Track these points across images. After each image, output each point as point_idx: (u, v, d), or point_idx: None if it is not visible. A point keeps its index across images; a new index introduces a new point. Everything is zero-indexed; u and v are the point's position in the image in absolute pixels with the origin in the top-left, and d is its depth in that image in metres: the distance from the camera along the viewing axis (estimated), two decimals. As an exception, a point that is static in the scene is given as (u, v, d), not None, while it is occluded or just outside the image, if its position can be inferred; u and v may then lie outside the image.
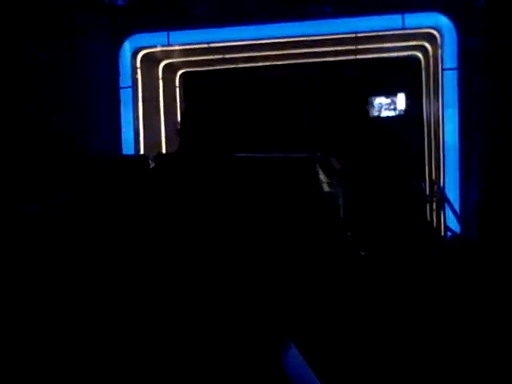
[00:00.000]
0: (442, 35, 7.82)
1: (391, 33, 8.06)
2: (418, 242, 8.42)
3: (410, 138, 11.36)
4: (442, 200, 7.85)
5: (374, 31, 8.04)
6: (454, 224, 7.73)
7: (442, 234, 8.08)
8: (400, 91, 12.83)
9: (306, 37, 8.23)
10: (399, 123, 12.69)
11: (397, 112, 13.13)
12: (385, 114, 13.14)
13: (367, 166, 11.08)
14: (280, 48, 9.08)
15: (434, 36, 8.10)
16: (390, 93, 12.98)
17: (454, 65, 7.71)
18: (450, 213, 7.80)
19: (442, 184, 8.02)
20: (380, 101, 13.27)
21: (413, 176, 10.67)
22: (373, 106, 13.36)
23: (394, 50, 9.72)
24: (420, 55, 9.80)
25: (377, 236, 8.66)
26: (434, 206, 8.91)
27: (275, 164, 6.67)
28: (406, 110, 12.76)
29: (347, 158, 10.13)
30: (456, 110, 7.71)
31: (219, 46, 8.62)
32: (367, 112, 13.09)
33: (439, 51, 7.96)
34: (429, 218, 9.61)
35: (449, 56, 7.76)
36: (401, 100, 13.07)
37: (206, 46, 8.48)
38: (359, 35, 8.08)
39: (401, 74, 11.65)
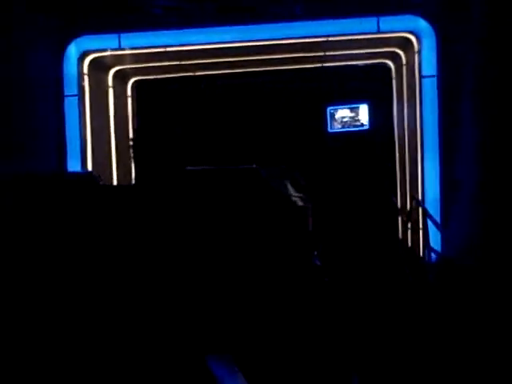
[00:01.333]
0: (419, 40, 7.23)
1: (365, 37, 7.43)
2: (390, 264, 7.80)
3: (377, 152, 10.76)
4: (423, 216, 7.21)
5: (346, 35, 7.38)
6: (435, 244, 7.09)
7: (421, 254, 7.44)
8: (363, 102, 12.23)
9: (271, 41, 7.52)
10: (363, 137, 12.07)
11: (360, 124, 12.56)
12: (347, 126, 12.55)
13: (331, 184, 10.42)
14: (243, 54, 8.35)
15: (409, 41, 7.51)
16: (353, 104, 12.40)
17: (434, 72, 7.13)
18: (431, 231, 7.16)
19: (420, 199, 7.41)
20: (342, 113, 12.68)
21: (381, 192, 10.09)
22: (334, 118, 12.75)
23: (364, 58, 9.12)
24: (391, 63, 9.25)
25: (346, 256, 8.01)
26: (409, 225, 8.31)
27: (223, 176, 6.34)
28: (370, 122, 12.18)
29: (310, 174, 9.50)
30: (435, 120, 7.12)
31: (176, 51, 7.80)
32: (327, 126, 12.46)
33: (416, 57, 7.38)
34: (403, 237, 9.01)
35: (427, 62, 7.17)
36: (363, 112, 12.50)
37: (161, 50, 7.66)
38: (331, 39, 7.42)
39: (365, 84, 11.03)
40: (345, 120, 12.47)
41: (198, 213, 2.98)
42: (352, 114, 12.57)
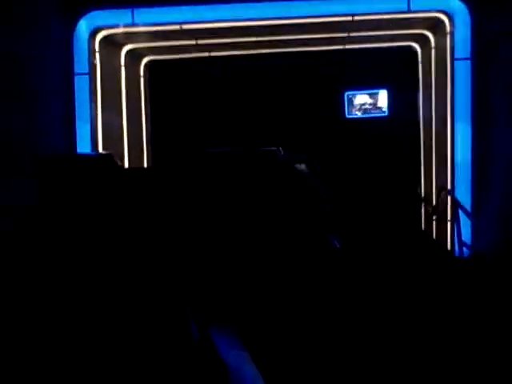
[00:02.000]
0: (452, 21, 6.77)
1: (393, 17, 6.97)
2: (412, 256, 7.38)
3: (398, 139, 10.28)
4: (453, 208, 6.79)
5: (374, 14, 6.93)
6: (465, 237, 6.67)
7: (449, 248, 7.03)
8: (383, 88, 11.74)
9: (293, 19, 7.08)
10: (383, 123, 11.59)
11: (379, 111, 12.07)
12: (365, 113, 12.07)
13: (349, 172, 9.97)
14: (262, 33, 7.91)
15: (440, 22, 7.04)
16: (372, 90, 11.92)
17: (467, 54, 6.67)
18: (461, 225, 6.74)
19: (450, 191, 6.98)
20: (361, 99, 12.20)
21: (403, 181, 9.66)
22: (353, 104, 12.28)
23: (388, 40, 8.65)
24: (417, 46, 8.78)
25: (365, 243, 7.61)
26: (434, 217, 7.89)
27: (243, 157, 6.31)
28: (390, 109, 11.70)
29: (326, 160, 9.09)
30: (469, 106, 6.67)
31: (192, 29, 7.38)
32: (345, 111, 11.98)
33: (448, 39, 6.92)
34: (426, 228, 8.60)
35: (460, 44, 6.72)
36: (383, 97, 12.01)
37: (177, 27, 7.25)
38: (356, 18, 6.97)
39: (387, 69, 10.53)
40: (363, 106, 12.00)
41: (219, 193, 3.03)
42: (371, 100, 12.08)
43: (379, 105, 11.79)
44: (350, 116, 11.92)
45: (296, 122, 10.33)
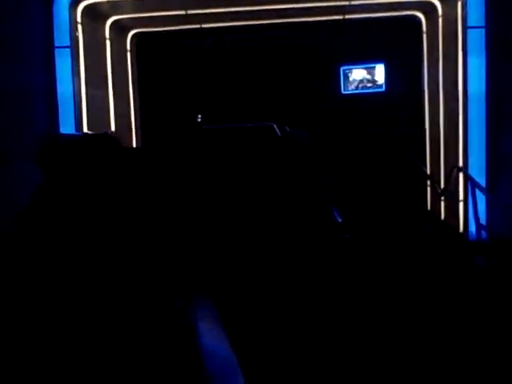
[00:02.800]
0: (464, -15, 6.26)
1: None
2: (416, 238, 6.95)
3: (398, 116, 9.78)
4: (466, 187, 6.34)
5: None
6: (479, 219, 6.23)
7: (461, 230, 6.59)
8: (380, 61, 11.17)
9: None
10: (382, 99, 11.05)
11: (376, 86, 11.53)
12: (362, 88, 11.53)
13: (346, 152, 9.48)
14: (255, 2, 7.35)
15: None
16: (369, 64, 11.38)
17: (481, 22, 6.18)
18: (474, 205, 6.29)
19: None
20: (358, 74, 11.65)
21: (404, 158, 9.20)
22: (348, 79, 11.73)
23: (388, 9, 8.11)
24: (421, 15, 8.26)
25: (369, 224, 7.18)
26: (442, 197, 7.45)
27: (242, 133, 6.43)
28: (389, 83, 11.17)
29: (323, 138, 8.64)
30: (483, 79, 6.19)
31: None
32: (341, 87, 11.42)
33: (459, 5, 6.41)
34: (433, 208, 8.16)
35: (474, 11, 6.22)
36: (380, 72, 11.47)
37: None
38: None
39: (385, 40, 9.97)
40: (360, 82, 11.45)
41: (217, 171, 3.16)
42: (368, 76, 11.52)
43: (376, 79, 11.23)
44: (347, 92, 11.37)
45: (291, 98, 9.78)
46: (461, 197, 6.56)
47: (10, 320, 2.32)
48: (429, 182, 8.49)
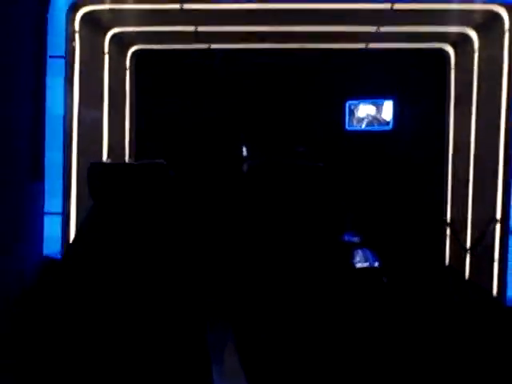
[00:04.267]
0: (512, 15, 5.60)
1: (441, 7, 5.76)
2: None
3: (410, 155, 9.00)
4: (503, 242, 5.57)
5: (417, 1, 5.71)
6: None
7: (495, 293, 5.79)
8: (389, 97, 10.40)
9: (316, 2, 5.83)
10: (389, 138, 10.26)
11: (384, 124, 10.79)
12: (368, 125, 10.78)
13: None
14: (269, 21, 6.63)
15: (492, 18, 5.86)
16: (378, 99, 10.65)
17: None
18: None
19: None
20: (366, 110, 10.93)
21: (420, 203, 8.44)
22: (354, 115, 11.01)
23: (417, 39, 7.44)
24: (450, 48, 7.60)
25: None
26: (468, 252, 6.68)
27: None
28: (398, 121, 10.42)
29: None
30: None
31: (193, 10, 6.07)
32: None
33: (506, 38, 5.72)
34: (453, 262, 7.39)
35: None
36: (387, 109, 10.76)
37: (177, 7, 5.93)
38: (396, 6, 5.74)
39: (396, 74, 9.16)
40: (365, 118, 10.67)
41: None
42: (375, 114, 10.75)
43: (384, 117, 10.44)
44: (351, 128, 10.55)
45: (292, 127, 9.00)
46: (496, 255, 5.78)
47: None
48: (448, 231, 7.74)
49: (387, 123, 10.36)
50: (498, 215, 5.79)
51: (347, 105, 9.87)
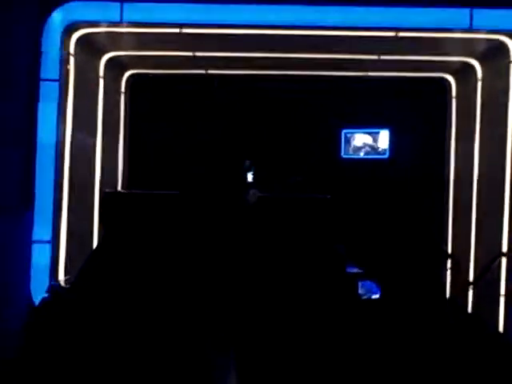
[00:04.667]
0: (519, 44, 5.49)
1: (446, 35, 5.65)
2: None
3: (407, 184, 8.82)
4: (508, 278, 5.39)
5: (422, 30, 5.59)
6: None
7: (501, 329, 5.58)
8: (386, 127, 10.26)
9: (322, 29, 5.70)
10: (385, 168, 10.07)
11: (380, 153, 10.64)
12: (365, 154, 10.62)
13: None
14: (272, 46, 6.51)
15: (496, 47, 5.76)
16: (374, 128, 10.51)
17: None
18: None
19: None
20: (362, 139, 10.79)
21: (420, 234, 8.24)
22: (349, 143, 10.86)
23: (418, 69, 7.35)
24: (451, 78, 7.51)
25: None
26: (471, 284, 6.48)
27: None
28: (399, 153, 10.28)
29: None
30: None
31: (193, 34, 5.93)
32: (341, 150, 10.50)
33: (512, 68, 5.62)
34: (455, 295, 7.18)
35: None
36: (383, 138, 10.62)
37: (176, 31, 5.78)
38: (401, 34, 5.63)
39: (393, 104, 9.02)
40: (362, 147, 10.52)
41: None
42: (371, 143, 10.61)
43: (379, 146, 10.29)
44: (347, 156, 10.38)
45: (288, 156, 8.80)
46: (502, 290, 5.58)
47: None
48: (449, 264, 7.55)
49: (383, 152, 10.20)
50: (504, 248, 5.61)
51: (343, 133, 9.74)
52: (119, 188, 7.54)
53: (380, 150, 10.03)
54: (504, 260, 5.63)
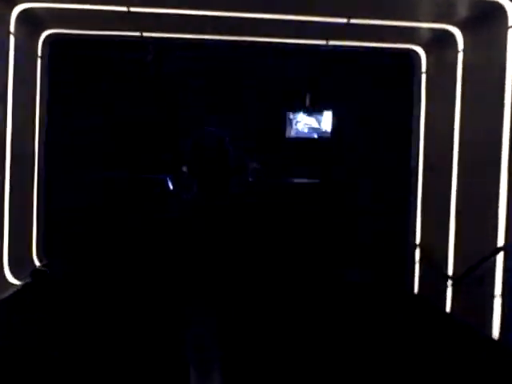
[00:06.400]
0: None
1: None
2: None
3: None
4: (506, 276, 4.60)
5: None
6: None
7: (497, 335, 4.81)
8: (329, 108, 9.27)
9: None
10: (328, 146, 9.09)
11: (323, 131, 9.68)
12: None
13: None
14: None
15: (487, 10, 4.95)
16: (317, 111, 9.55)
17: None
18: None
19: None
20: (302, 119, 9.83)
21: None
22: (291, 124, 9.91)
23: (388, 39, 6.49)
24: (421, 50, 6.70)
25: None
26: (450, 280, 5.70)
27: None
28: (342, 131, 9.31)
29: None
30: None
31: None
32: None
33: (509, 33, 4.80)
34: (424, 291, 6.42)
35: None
36: (327, 119, 9.66)
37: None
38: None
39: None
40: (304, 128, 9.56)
41: None
42: (314, 124, 9.68)
43: (323, 127, 9.29)
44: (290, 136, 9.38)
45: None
46: (497, 289, 4.80)
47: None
48: (418, 256, 6.77)
49: (327, 132, 9.21)
50: (499, 242, 4.82)
51: (286, 115, 8.92)
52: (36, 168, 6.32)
53: (324, 131, 9.16)
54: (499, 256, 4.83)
